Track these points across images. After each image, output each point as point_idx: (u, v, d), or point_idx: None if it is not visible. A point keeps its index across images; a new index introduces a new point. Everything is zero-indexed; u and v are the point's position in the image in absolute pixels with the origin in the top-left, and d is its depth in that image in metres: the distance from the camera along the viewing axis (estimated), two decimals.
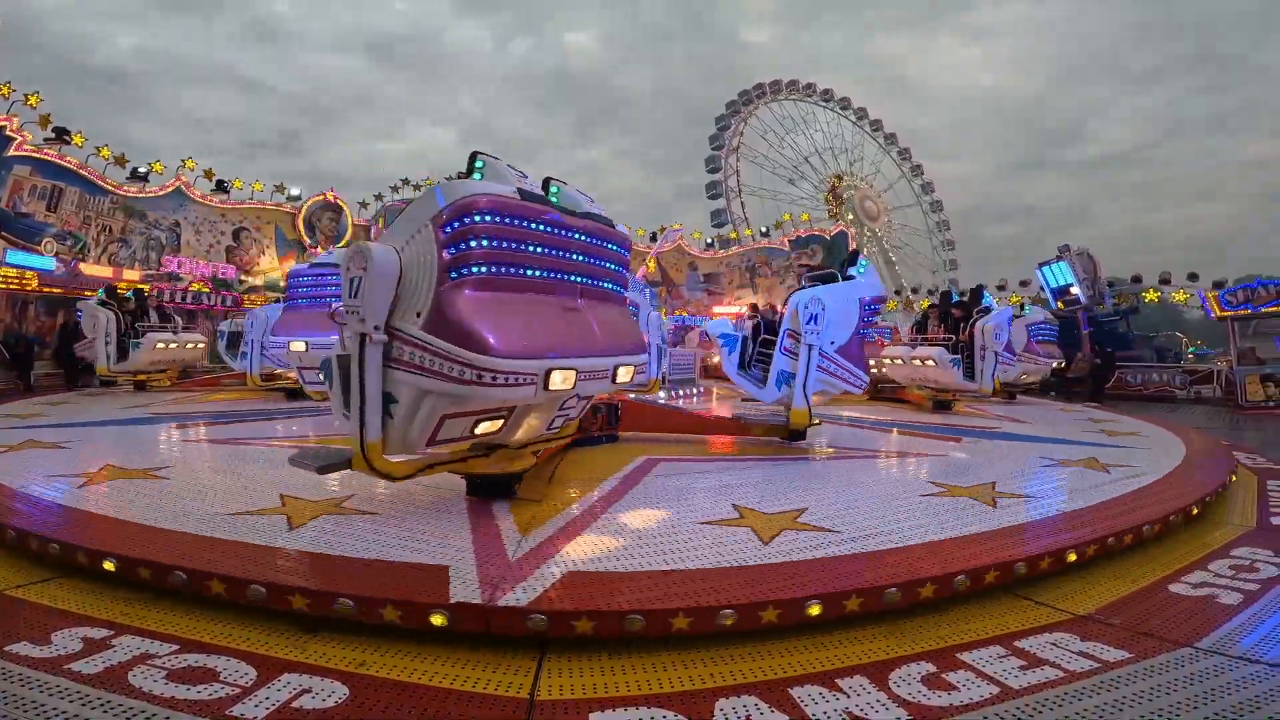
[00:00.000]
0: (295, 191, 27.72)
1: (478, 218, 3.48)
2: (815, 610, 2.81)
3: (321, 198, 27.95)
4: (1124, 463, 6.09)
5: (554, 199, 3.98)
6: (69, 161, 20.50)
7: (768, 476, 5.38)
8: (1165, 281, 21.85)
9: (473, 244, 3.47)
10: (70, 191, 20.56)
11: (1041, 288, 23.16)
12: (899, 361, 11.46)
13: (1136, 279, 22.73)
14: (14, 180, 19.19)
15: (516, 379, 3.43)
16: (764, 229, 35.78)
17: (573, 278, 3.94)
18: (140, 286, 15.49)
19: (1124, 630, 2.83)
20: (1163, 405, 17.28)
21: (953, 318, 11.17)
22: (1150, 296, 22.10)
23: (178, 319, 13.78)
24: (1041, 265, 22.78)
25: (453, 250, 3.46)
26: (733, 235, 38.13)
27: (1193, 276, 21.25)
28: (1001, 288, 25.78)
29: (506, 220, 3.57)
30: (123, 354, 12.16)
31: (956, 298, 12.50)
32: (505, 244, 3.57)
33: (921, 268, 48.82)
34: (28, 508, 3.99)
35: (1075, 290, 21.71)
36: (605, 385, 4.06)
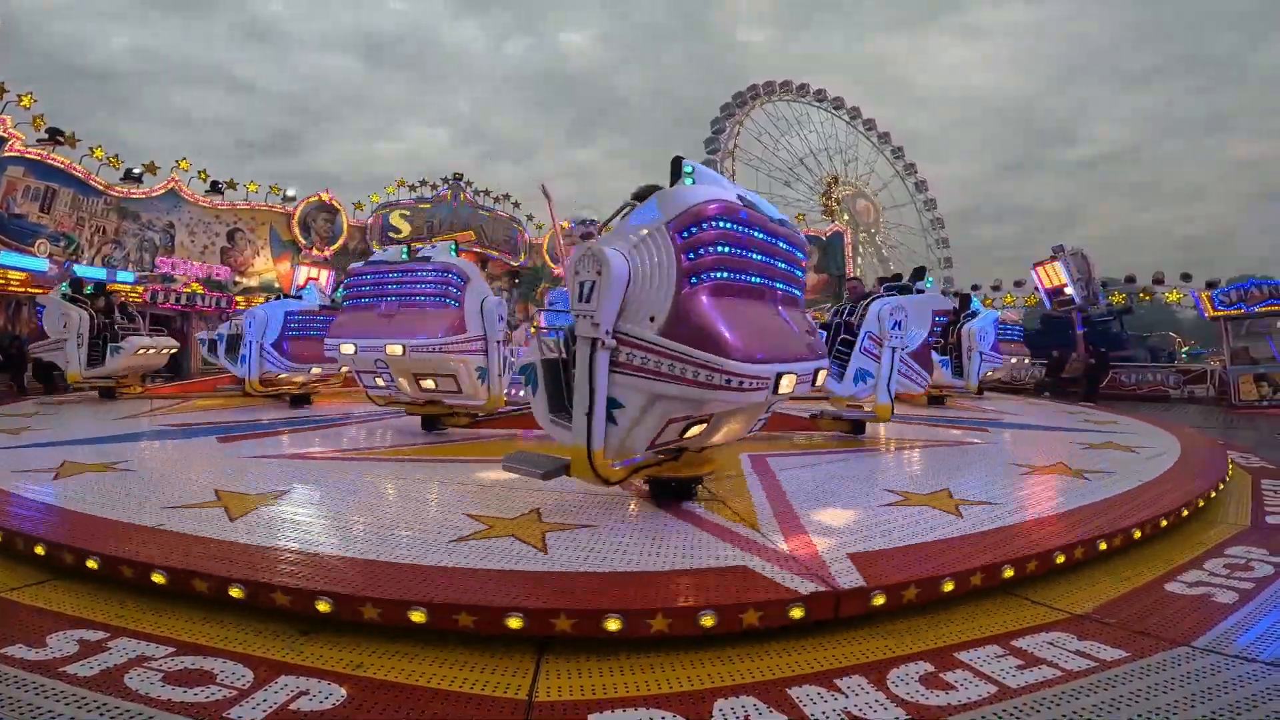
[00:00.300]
0: (291, 192, 27.67)
1: (712, 224, 3.51)
2: (1080, 552, 3.52)
3: (316, 198, 27.92)
4: (1141, 445, 6.85)
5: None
6: (62, 162, 20.46)
7: (879, 464, 6.00)
8: (1159, 281, 21.97)
9: (708, 250, 3.49)
10: (64, 193, 20.53)
11: (1036, 288, 23.25)
12: None
13: (1130, 279, 22.85)
14: (8, 181, 19.16)
15: (754, 383, 3.41)
16: None
17: (776, 284, 3.93)
18: (103, 281, 14.28)
19: (1120, 629, 2.84)
20: (1157, 405, 17.35)
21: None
22: (1144, 297, 22.20)
23: (139, 317, 12.75)
24: (1036, 265, 22.86)
25: (691, 256, 3.45)
26: None
27: (1186, 277, 21.37)
28: (996, 288, 25.88)
29: (734, 226, 3.60)
30: (94, 358, 10.88)
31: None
32: (735, 250, 3.60)
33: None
34: (230, 559, 3.13)
35: (1069, 290, 21.79)
36: (806, 389, 3.99)
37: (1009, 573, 3.22)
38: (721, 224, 3.53)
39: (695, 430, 3.89)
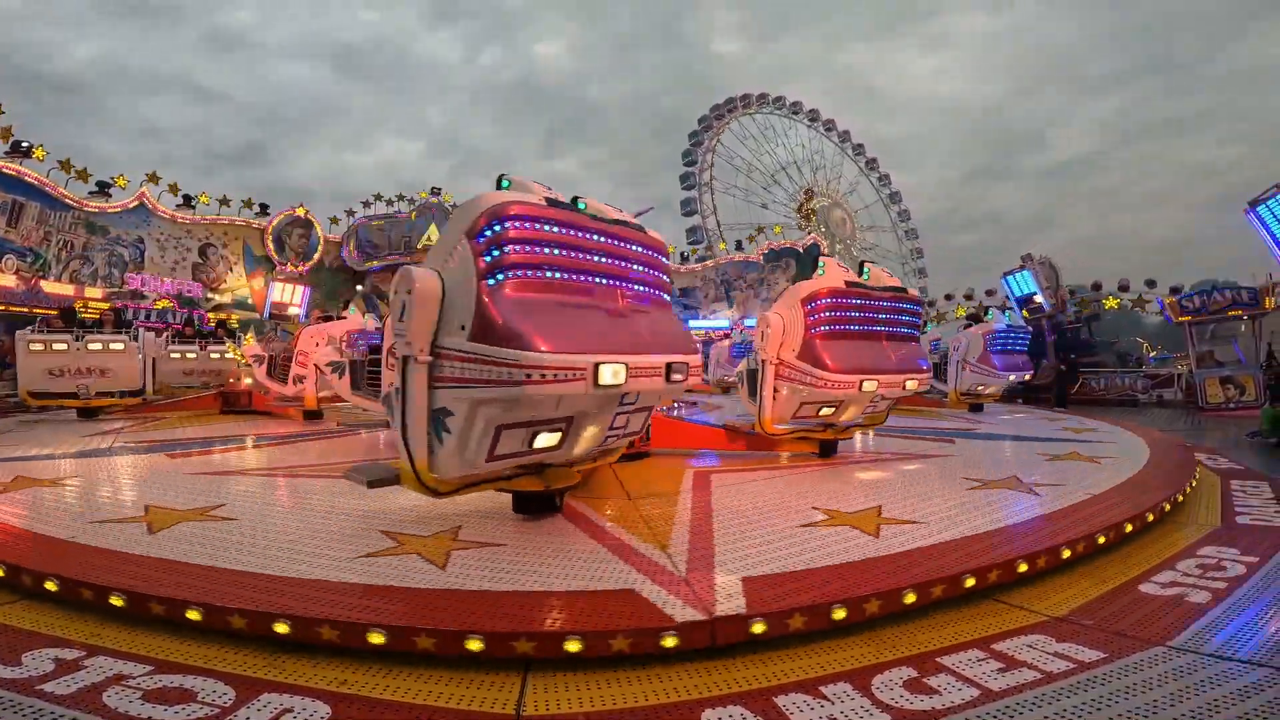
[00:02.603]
0: (265, 205, 27.32)
1: (829, 298, 6.21)
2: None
3: (290, 213, 27.56)
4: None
5: None
6: (30, 175, 20.05)
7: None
8: (1124, 288, 22.39)
9: (822, 311, 6.19)
10: (30, 207, 20.09)
11: (1006, 296, 23.59)
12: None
13: (1096, 286, 23.25)
14: None
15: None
16: (738, 241, 36.07)
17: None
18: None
19: (1098, 631, 2.88)
20: (1126, 409, 17.65)
21: None
22: (1110, 303, 22.60)
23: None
24: (1006, 274, 23.21)
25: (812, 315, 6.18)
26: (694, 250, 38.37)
27: (1150, 283, 21.81)
28: (969, 297, 26.24)
29: (843, 299, 6.29)
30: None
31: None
32: (841, 305, 6.29)
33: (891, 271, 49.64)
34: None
35: (1039, 299, 22.14)
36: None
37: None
38: (836, 299, 6.20)
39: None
